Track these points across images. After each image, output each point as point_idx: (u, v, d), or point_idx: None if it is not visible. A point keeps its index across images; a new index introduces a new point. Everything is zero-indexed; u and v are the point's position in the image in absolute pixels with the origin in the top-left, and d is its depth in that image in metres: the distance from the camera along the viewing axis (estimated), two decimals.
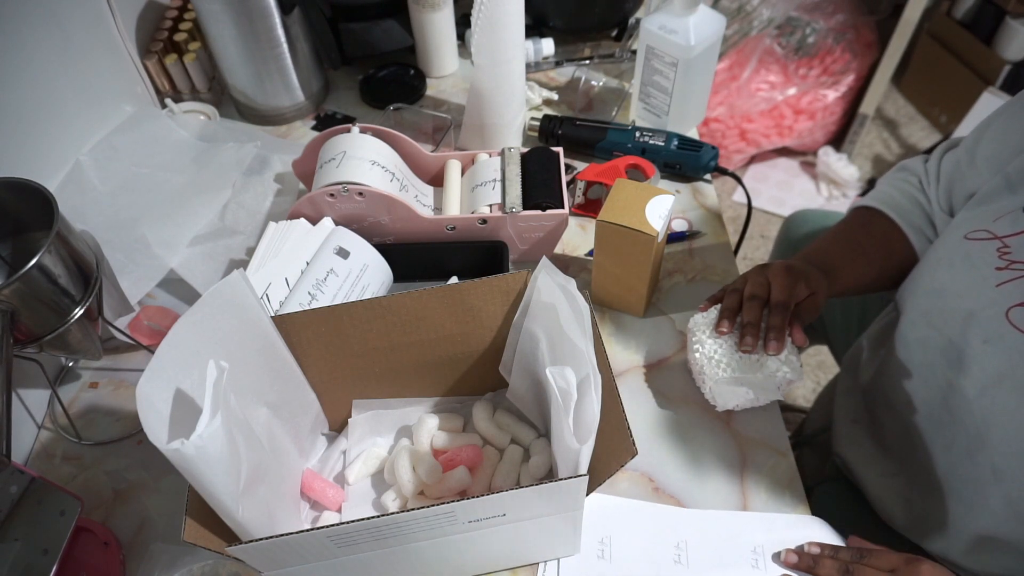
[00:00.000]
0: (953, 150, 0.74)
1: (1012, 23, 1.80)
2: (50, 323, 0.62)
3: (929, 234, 0.76)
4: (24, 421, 0.72)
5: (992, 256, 0.61)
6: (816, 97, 1.85)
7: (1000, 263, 0.60)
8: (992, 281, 0.60)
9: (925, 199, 0.76)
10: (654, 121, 0.97)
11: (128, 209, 0.83)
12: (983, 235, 0.62)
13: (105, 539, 0.64)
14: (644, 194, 0.71)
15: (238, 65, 0.95)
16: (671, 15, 0.86)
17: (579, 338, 0.51)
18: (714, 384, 0.68)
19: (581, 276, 0.83)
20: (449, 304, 0.61)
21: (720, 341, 0.68)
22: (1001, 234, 0.61)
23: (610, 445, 0.51)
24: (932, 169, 0.76)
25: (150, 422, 0.44)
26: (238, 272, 0.54)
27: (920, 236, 0.76)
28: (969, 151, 0.70)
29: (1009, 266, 0.59)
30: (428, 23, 1.01)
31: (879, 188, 0.81)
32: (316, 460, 0.69)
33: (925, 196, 0.77)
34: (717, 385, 0.67)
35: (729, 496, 0.66)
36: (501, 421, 0.68)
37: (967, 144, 0.71)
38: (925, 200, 0.76)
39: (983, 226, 0.62)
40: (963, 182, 0.70)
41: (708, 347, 0.68)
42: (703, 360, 0.68)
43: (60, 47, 0.82)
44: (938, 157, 0.76)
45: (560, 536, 0.59)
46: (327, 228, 0.77)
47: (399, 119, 0.99)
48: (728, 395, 0.68)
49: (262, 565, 0.51)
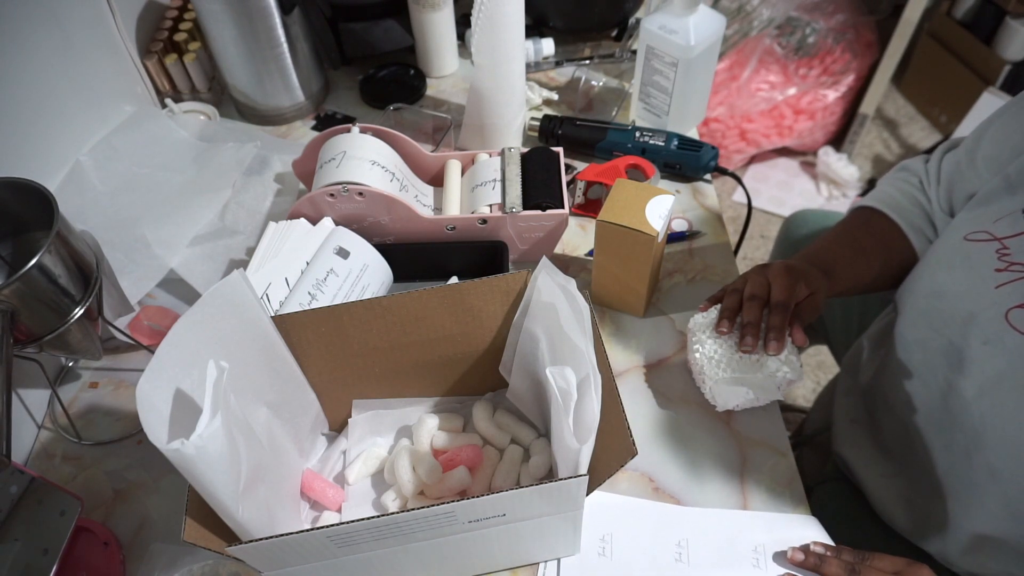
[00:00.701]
0: (953, 151, 0.74)
1: (1012, 23, 1.80)
2: (50, 323, 0.62)
3: (929, 234, 0.76)
4: (24, 421, 0.72)
5: (991, 258, 0.61)
6: (816, 97, 1.85)
7: (1000, 264, 0.60)
8: (991, 283, 0.60)
9: (925, 199, 0.76)
10: (654, 121, 0.97)
11: (128, 209, 0.83)
12: (983, 236, 0.62)
13: (105, 539, 0.64)
14: (644, 194, 0.71)
15: (238, 65, 0.95)
16: (671, 15, 0.86)
17: (579, 338, 0.51)
18: (714, 384, 0.68)
19: (581, 276, 0.83)
20: (449, 304, 0.61)
21: (720, 341, 0.68)
22: (1001, 235, 0.61)
23: (610, 445, 0.51)
24: (932, 169, 0.76)
25: (150, 422, 0.44)
26: (238, 272, 0.54)
27: (920, 236, 0.76)
28: (969, 152, 0.70)
29: (1008, 267, 0.59)
30: (428, 23, 1.01)
31: (879, 188, 0.81)
32: (316, 460, 0.69)
33: (925, 196, 0.77)
34: (717, 385, 0.67)
35: (729, 496, 0.66)
36: (501, 421, 0.68)
37: (967, 145, 0.71)
38: (925, 200, 0.76)
39: (983, 227, 0.62)
40: (963, 183, 0.70)
41: (708, 347, 0.68)
42: (703, 360, 0.68)
43: (60, 47, 0.82)
44: (938, 158, 0.76)
45: (560, 536, 0.59)
46: (327, 228, 0.77)
47: (399, 119, 0.99)
48: (728, 395, 0.68)
49: (262, 565, 0.51)
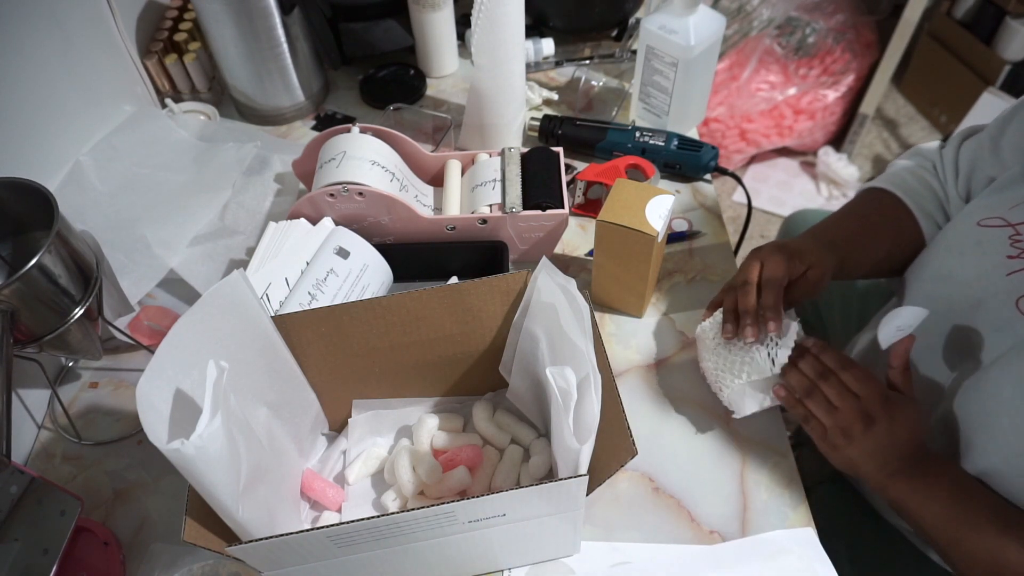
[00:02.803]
0: (974, 137, 0.73)
1: (1012, 23, 1.80)
2: (50, 323, 0.62)
3: (939, 220, 0.75)
4: (24, 421, 0.72)
5: (1004, 244, 0.60)
6: (816, 97, 1.85)
7: (1012, 251, 0.59)
8: (1003, 270, 0.60)
9: (939, 184, 0.76)
10: (654, 121, 0.97)
11: (128, 209, 0.83)
12: (997, 222, 0.61)
13: (105, 539, 0.64)
14: (644, 194, 0.71)
15: (238, 65, 0.95)
16: (671, 15, 0.86)
17: (579, 338, 0.51)
18: (730, 392, 0.67)
19: (581, 276, 0.83)
20: (449, 304, 0.61)
21: (728, 347, 0.67)
22: (1016, 222, 0.60)
23: (610, 445, 0.51)
24: (949, 156, 0.75)
25: (150, 422, 0.44)
26: (238, 272, 0.54)
27: (930, 221, 0.75)
28: (993, 139, 0.69)
29: (1021, 255, 0.59)
30: (428, 23, 1.01)
31: (892, 171, 0.80)
32: (316, 460, 0.69)
33: (939, 182, 0.76)
34: (733, 393, 0.66)
35: (729, 496, 0.66)
36: (501, 421, 0.68)
37: (991, 131, 0.70)
38: (938, 186, 0.76)
39: (998, 213, 0.62)
40: (984, 169, 0.70)
41: (721, 355, 0.67)
42: (716, 370, 0.67)
43: (60, 47, 0.82)
44: (956, 145, 0.75)
45: (560, 536, 0.59)
46: (327, 228, 0.77)
47: (399, 119, 0.99)
48: (746, 401, 0.66)
49: (262, 565, 0.51)
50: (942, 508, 0.58)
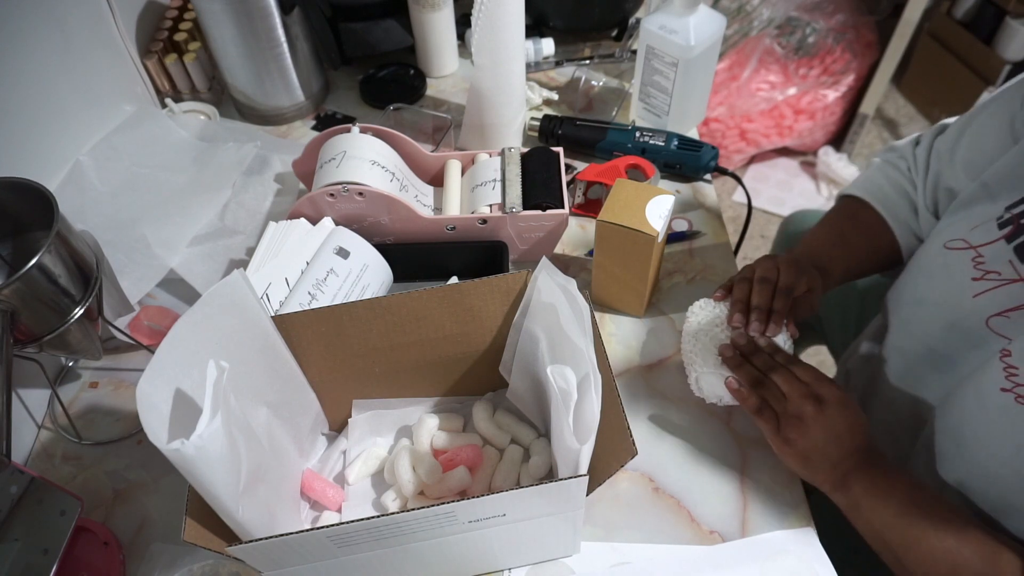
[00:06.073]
0: (941, 136, 0.73)
1: (1012, 23, 1.80)
2: (50, 323, 0.62)
3: (914, 226, 0.76)
4: (24, 421, 0.72)
5: (968, 266, 0.61)
6: (816, 97, 1.85)
7: (975, 273, 0.60)
8: (969, 292, 0.60)
9: (912, 187, 0.76)
10: (654, 121, 0.97)
11: (128, 209, 0.83)
12: (960, 244, 0.62)
13: (105, 539, 0.64)
14: (644, 194, 0.71)
15: (238, 65, 0.95)
16: (671, 15, 0.86)
17: (579, 338, 0.51)
18: (698, 376, 0.67)
19: (581, 276, 0.83)
20: (449, 304, 0.61)
21: (710, 334, 0.67)
22: (976, 243, 0.61)
23: (610, 445, 0.51)
24: (921, 156, 0.75)
25: (150, 422, 0.44)
26: (238, 272, 0.54)
27: (905, 229, 0.76)
28: (950, 150, 0.70)
29: (984, 276, 0.59)
30: (428, 23, 1.01)
31: (867, 175, 0.80)
32: (316, 460, 0.69)
33: (912, 184, 0.76)
34: (701, 377, 0.67)
35: (729, 496, 0.66)
36: (501, 421, 0.68)
37: (949, 140, 0.71)
38: (912, 188, 0.76)
39: (960, 235, 0.62)
40: (944, 178, 0.71)
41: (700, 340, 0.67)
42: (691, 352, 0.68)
43: (60, 47, 0.82)
44: (927, 146, 0.75)
45: (560, 536, 0.59)
46: (327, 228, 0.77)
47: (399, 119, 0.99)
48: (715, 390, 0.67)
49: (262, 565, 0.51)
50: (901, 506, 0.57)
